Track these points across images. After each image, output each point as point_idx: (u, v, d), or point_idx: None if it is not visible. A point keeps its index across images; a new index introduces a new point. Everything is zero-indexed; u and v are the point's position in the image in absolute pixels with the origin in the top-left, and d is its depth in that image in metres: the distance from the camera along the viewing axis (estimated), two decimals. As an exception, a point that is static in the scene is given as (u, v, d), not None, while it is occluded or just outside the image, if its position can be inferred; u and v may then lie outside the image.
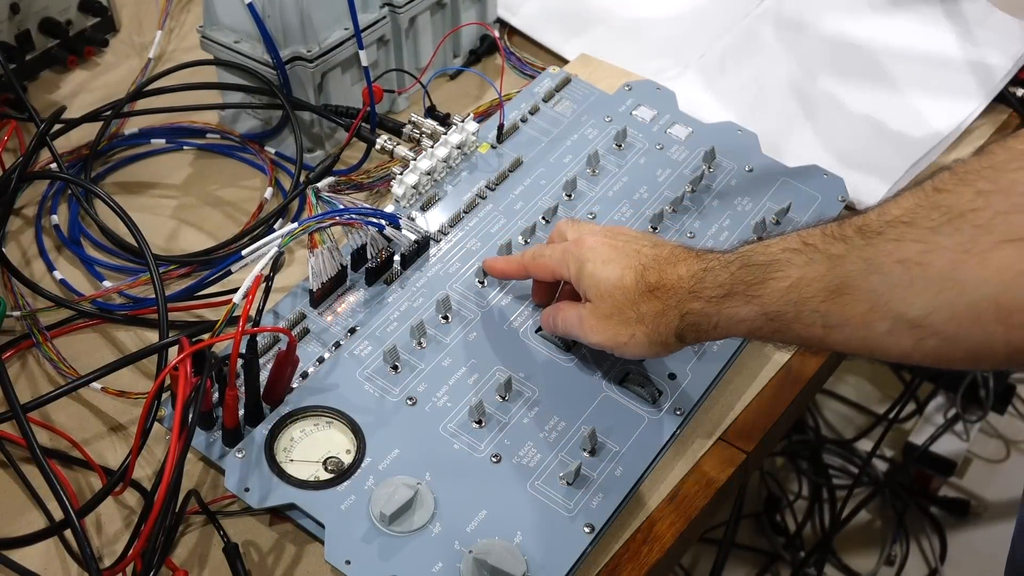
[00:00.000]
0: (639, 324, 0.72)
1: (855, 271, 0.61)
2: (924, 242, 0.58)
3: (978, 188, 0.57)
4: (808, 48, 1.16)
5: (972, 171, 0.58)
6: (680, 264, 0.72)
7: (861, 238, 0.61)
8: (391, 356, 0.78)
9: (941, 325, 0.57)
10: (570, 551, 0.70)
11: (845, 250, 0.62)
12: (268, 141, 1.03)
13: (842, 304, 0.62)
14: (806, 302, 0.63)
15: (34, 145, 0.92)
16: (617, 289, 0.73)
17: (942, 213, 0.57)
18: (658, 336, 0.72)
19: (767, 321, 0.66)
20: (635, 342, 0.73)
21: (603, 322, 0.74)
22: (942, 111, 1.08)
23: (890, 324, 0.60)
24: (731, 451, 0.81)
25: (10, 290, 0.88)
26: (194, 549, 0.73)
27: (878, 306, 0.60)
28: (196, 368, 0.68)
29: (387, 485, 0.71)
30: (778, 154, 0.99)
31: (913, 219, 0.59)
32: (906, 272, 0.58)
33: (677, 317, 0.71)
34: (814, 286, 0.63)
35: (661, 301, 0.71)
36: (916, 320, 0.58)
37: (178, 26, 1.18)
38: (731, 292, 0.68)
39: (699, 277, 0.70)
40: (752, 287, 0.66)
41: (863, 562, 1.87)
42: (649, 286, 0.72)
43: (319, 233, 0.78)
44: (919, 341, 0.59)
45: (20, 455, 0.77)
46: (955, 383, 1.90)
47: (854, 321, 0.61)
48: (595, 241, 0.76)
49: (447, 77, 1.13)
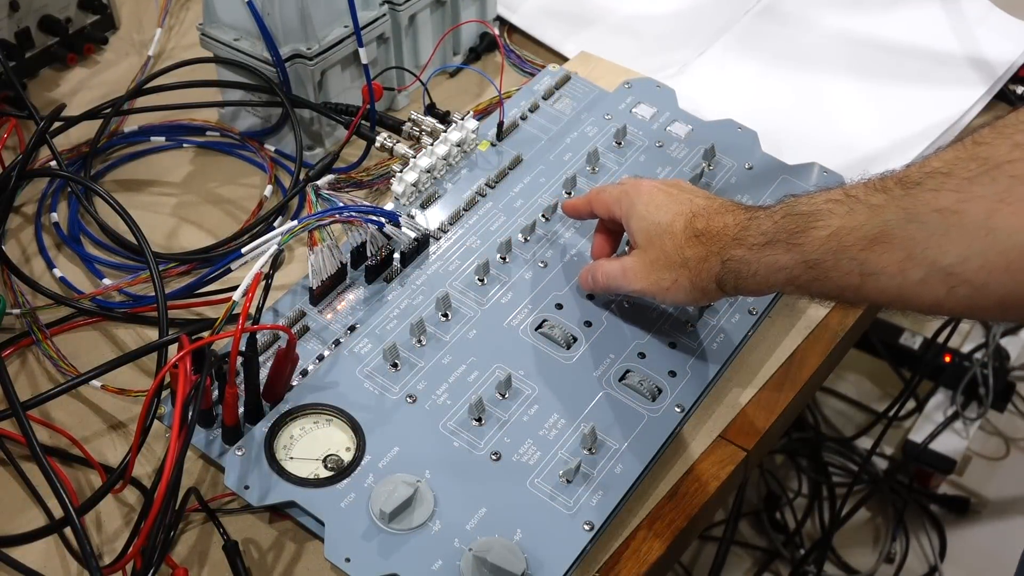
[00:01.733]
0: (683, 269, 0.75)
1: (893, 220, 0.62)
2: (961, 191, 0.59)
3: (1016, 141, 0.58)
4: (808, 46, 1.16)
5: (1010, 124, 0.59)
6: (728, 214, 0.74)
7: (901, 188, 0.62)
8: (391, 354, 0.78)
9: (972, 273, 0.59)
10: (570, 549, 0.70)
11: (885, 200, 0.63)
12: (268, 139, 1.03)
13: (879, 252, 0.63)
14: (845, 250, 0.65)
15: (34, 143, 0.92)
16: (666, 234, 0.75)
17: (979, 164, 0.59)
18: (700, 281, 0.74)
19: (806, 269, 0.68)
20: (678, 286, 0.75)
21: (647, 268, 0.76)
22: (942, 109, 1.08)
23: (924, 272, 0.61)
24: (731, 449, 0.81)
25: (10, 288, 0.88)
26: (194, 547, 0.73)
27: (914, 254, 0.61)
28: (196, 366, 0.68)
29: (387, 483, 0.71)
30: (778, 152, 0.99)
31: (951, 170, 0.60)
32: (942, 220, 0.59)
33: (719, 263, 0.73)
34: (854, 234, 0.64)
35: (705, 247, 0.74)
36: (949, 268, 0.59)
37: (178, 24, 1.18)
38: (773, 240, 0.70)
39: (744, 225, 0.72)
40: (794, 235, 0.68)
41: (863, 560, 1.87)
42: (696, 232, 0.74)
43: (319, 231, 0.78)
44: (951, 289, 0.60)
45: (20, 453, 0.77)
46: (955, 381, 1.90)
47: (890, 269, 0.63)
48: (651, 187, 0.80)
49: (447, 75, 1.13)
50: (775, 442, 1.65)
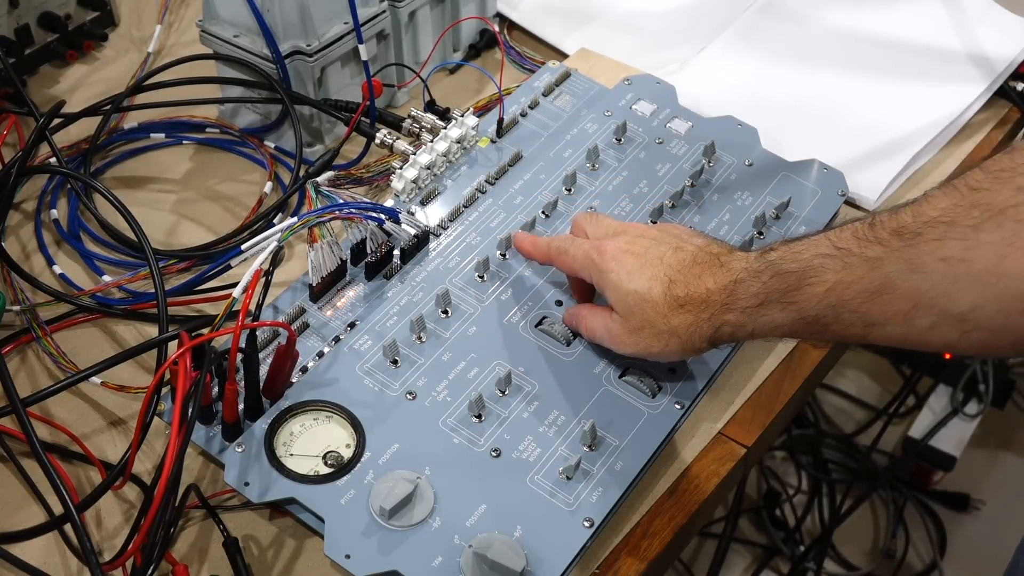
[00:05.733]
0: (672, 336, 0.73)
1: (895, 272, 0.62)
2: (966, 240, 0.59)
3: (1017, 184, 0.58)
4: (808, 42, 1.16)
5: (1007, 168, 0.59)
6: (706, 275, 0.72)
7: (899, 240, 0.62)
8: (391, 350, 0.78)
9: (988, 319, 0.59)
10: (570, 545, 0.70)
11: (883, 252, 0.62)
12: (267, 135, 1.03)
13: (883, 304, 0.63)
14: (845, 304, 0.64)
15: (33, 139, 0.92)
16: (645, 303, 0.73)
17: (982, 211, 0.59)
18: (691, 344, 0.73)
19: (805, 325, 0.67)
20: (668, 351, 0.74)
21: (634, 335, 0.75)
22: (943, 105, 1.08)
23: (934, 320, 0.61)
24: (731, 445, 0.81)
25: (9, 284, 0.88)
26: (194, 543, 0.73)
27: (921, 304, 0.61)
28: (196, 362, 0.68)
29: (387, 479, 0.71)
30: (778, 148, 0.99)
31: (953, 218, 0.60)
32: (950, 270, 0.59)
33: (711, 328, 0.72)
34: (853, 288, 0.64)
35: (692, 314, 0.72)
36: (962, 315, 0.60)
37: (177, 20, 1.18)
38: (766, 301, 0.69)
39: (730, 290, 0.70)
40: (787, 295, 0.67)
41: (862, 556, 1.87)
42: (678, 300, 0.72)
43: (319, 227, 0.78)
44: (964, 334, 0.60)
45: (20, 449, 0.77)
46: (955, 378, 1.90)
47: (896, 319, 0.63)
48: (615, 249, 0.76)
49: (447, 71, 1.12)
50: (775, 439, 1.65)
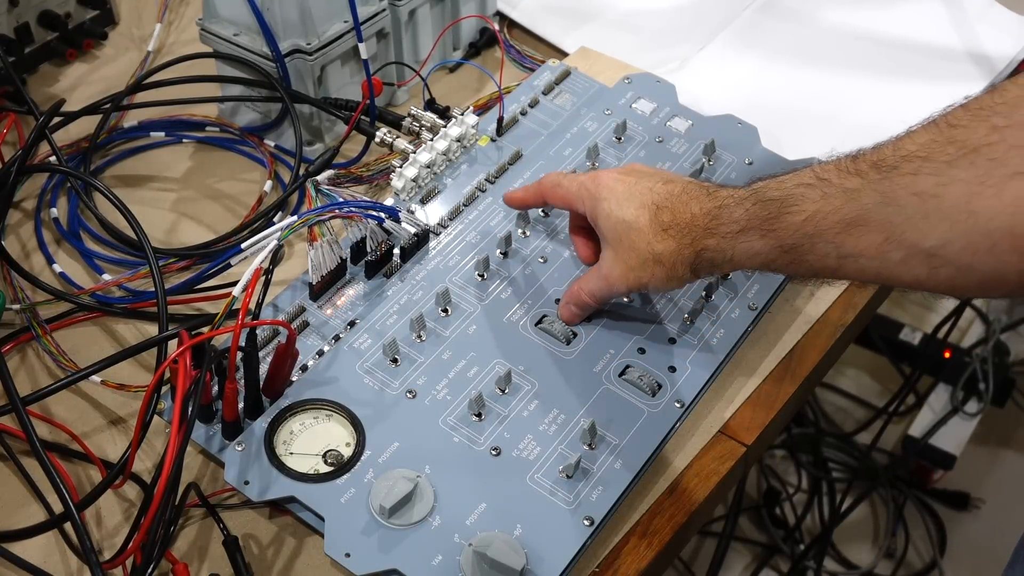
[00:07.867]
0: (656, 264, 0.75)
1: (870, 204, 0.63)
2: (939, 175, 0.59)
3: (992, 123, 0.58)
4: (808, 41, 1.16)
5: (986, 107, 0.60)
6: (693, 202, 0.74)
7: (876, 172, 0.63)
8: (391, 349, 0.78)
9: (955, 255, 0.59)
10: (570, 544, 0.70)
11: (860, 184, 0.63)
12: (267, 134, 1.03)
13: (857, 236, 0.64)
14: (821, 234, 0.65)
15: (33, 138, 0.92)
16: (632, 230, 0.75)
17: (957, 148, 0.59)
18: (674, 272, 0.75)
19: (781, 253, 0.69)
20: (654, 280, 0.76)
21: (624, 267, 0.76)
22: (942, 104, 1.07)
23: (904, 254, 0.62)
24: (731, 444, 0.81)
25: (9, 283, 0.88)
26: (194, 542, 0.73)
27: (893, 237, 0.62)
28: (196, 361, 0.68)
29: (387, 478, 0.71)
30: (778, 147, 0.99)
31: (928, 154, 0.60)
32: (921, 204, 0.60)
33: (692, 253, 0.73)
34: (829, 219, 0.65)
35: (675, 240, 0.74)
36: (931, 250, 0.60)
37: (177, 19, 1.18)
38: (746, 227, 0.70)
39: (713, 214, 0.72)
40: (767, 222, 0.68)
41: (862, 555, 1.87)
42: (663, 225, 0.74)
43: (318, 226, 0.78)
44: (933, 270, 0.61)
45: (20, 448, 0.77)
46: (955, 376, 1.90)
47: (868, 252, 0.63)
48: (609, 178, 0.79)
49: (447, 70, 1.12)
50: (775, 438, 1.65)
